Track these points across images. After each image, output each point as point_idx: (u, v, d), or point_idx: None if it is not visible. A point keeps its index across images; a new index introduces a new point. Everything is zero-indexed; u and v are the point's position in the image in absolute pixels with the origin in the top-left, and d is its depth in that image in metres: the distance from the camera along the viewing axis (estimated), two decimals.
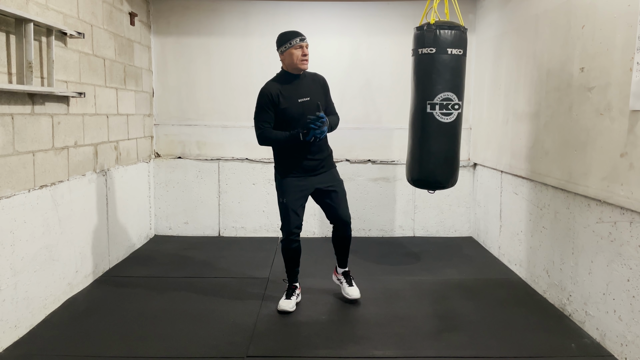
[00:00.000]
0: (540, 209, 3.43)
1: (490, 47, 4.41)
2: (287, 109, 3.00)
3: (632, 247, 2.46)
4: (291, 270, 3.22)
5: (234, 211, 4.88)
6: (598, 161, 2.72)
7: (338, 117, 3.22)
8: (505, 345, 2.69)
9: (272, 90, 3.02)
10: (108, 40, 3.79)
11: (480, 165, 4.71)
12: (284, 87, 3.04)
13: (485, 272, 3.90)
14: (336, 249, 3.30)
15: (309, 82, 3.11)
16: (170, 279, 3.67)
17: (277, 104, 3.00)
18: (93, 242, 3.56)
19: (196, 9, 4.72)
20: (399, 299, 3.31)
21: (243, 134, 4.80)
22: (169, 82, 4.80)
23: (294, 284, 3.23)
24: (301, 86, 3.06)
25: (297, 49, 2.98)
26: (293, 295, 3.18)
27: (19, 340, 2.68)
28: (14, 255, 2.65)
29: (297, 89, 3.04)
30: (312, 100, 3.02)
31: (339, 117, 3.24)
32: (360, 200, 4.86)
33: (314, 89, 3.09)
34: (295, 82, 3.06)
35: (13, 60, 2.67)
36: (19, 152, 2.70)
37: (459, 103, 3.36)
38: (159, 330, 2.82)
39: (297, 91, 3.04)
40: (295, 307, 3.14)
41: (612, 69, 2.61)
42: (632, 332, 2.47)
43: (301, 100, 3.02)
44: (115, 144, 3.92)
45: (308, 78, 3.13)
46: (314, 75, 3.17)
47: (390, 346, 2.67)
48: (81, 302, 3.18)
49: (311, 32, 4.66)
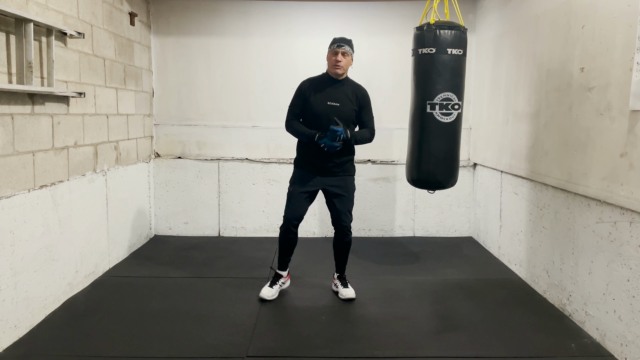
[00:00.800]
0: (540, 209, 3.43)
1: (490, 47, 4.41)
2: (314, 106, 3.15)
3: (632, 247, 2.46)
4: (282, 258, 3.35)
5: (234, 211, 4.88)
6: (598, 161, 2.72)
7: (372, 131, 3.28)
8: (505, 345, 2.69)
9: (307, 85, 3.23)
10: (108, 40, 3.79)
11: (480, 165, 4.72)
12: (319, 86, 3.20)
13: (485, 272, 3.90)
14: (335, 252, 3.39)
15: (347, 91, 3.21)
16: (170, 279, 3.67)
17: (307, 99, 3.18)
18: (93, 242, 3.56)
19: (196, 9, 4.72)
20: (399, 299, 3.31)
21: (243, 134, 4.80)
22: (169, 82, 4.80)
23: (281, 273, 3.36)
24: (337, 91, 3.18)
25: (332, 54, 3.15)
26: (276, 284, 3.32)
27: (19, 340, 2.68)
28: (14, 255, 2.65)
29: (331, 92, 3.17)
30: (341, 108, 3.14)
31: (374, 131, 3.29)
32: (360, 200, 4.85)
33: (348, 98, 3.19)
34: (333, 85, 3.19)
35: (13, 60, 2.67)
36: (19, 152, 2.70)
37: (459, 103, 3.36)
38: (159, 330, 2.82)
39: (330, 94, 3.17)
40: (276, 296, 3.28)
41: (612, 69, 2.61)
42: (632, 332, 2.47)
43: (330, 104, 3.14)
44: (115, 144, 3.92)
45: (349, 86, 3.23)
46: (356, 86, 3.27)
47: (390, 346, 2.68)
48: (81, 302, 3.18)
49: (311, 32, 4.69)
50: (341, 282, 3.37)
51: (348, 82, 3.24)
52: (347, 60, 3.16)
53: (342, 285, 3.34)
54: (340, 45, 3.13)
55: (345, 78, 3.23)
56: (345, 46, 3.13)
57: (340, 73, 3.16)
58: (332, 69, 3.16)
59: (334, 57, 3.14)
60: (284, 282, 3.40)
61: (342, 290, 3.31)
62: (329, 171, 3.20)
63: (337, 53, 3.13)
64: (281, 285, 3.37)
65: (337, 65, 3.12)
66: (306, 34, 4.73)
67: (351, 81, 3.27)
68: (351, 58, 3.20)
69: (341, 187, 3.23)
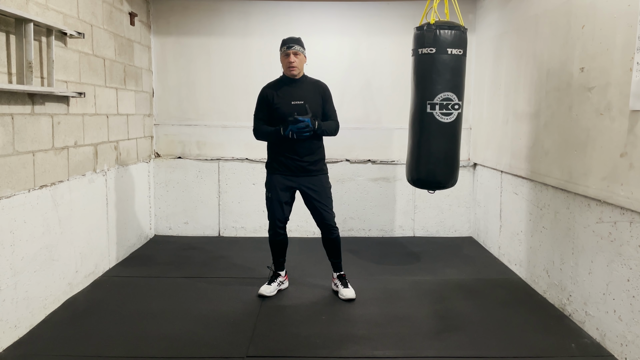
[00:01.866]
0: (540, 209, 3.43)
1: (490, 47, 4.41)
2: (279, 108, 3.20)
3: (632, 247, 2.46)
4: (276, 259, 3.44)
5: (234, 211, 4.88)
6: (598, 161, 2.72)
7: (337, 123, 3.35)
8: (505, 345, 2.69)
9: (268, 91, 3.26)
10: (108, 40, 3.79)
11: (480, 165, 4.71)
12: (281, 89, 3.25)
13: (485, 272, 3.90)
14: (326, 251, 3.43)
15: (308, 87, 3.27)
16: (170, 279, 3.67)
17: (271, 103, 3.22)
18: (93, 242, 3.56)
19: (196, 9, 4.72)
20: (399, 299, 3.31)
21: (243, 134, 4.80)
22: (169, 82, 4.80)
23: (279, 272, 3.43)
24: (298, 90, 3.23)
25: (285, 56, 3.19)
26: (274, 282, 3.39)
27: (19, 340, 2.68)
28: (14, 255, 2.65)
29: (293, 91, 3.22)
30: (306, 105, 3.18)
31: (339, 124, 3.36)
32: (360, 200, 4.86)
33: (310, 95, 3.24)
34: (293, 85, 3.24)
35: (13, 60, 2.67)
36: (19, 152, 2.70)
37: (459, 103, 3.36)
38: (159, 330, 2.82)
39: (293, 94, 3.21)
40: (275, 293, 3.35)
41: (612, 69, 2.61)
42: (632, 332, 2.47)
43: (294, 103, 3.18)
44: (115, 144, 3.92)
45: (308, 83, 3.29)
46: (315, 82, 3.33)
47: (390, 346, 2.67)
48: (81, 302, 3.18)
49: (311, 32, 4.68)
50: (341, 282, 3.37)
51: (307, 80, 3.29)
52: (300, 59, 3.20)
53: (342, 285, 3.35)
54: (290, 47, 3.16)
55: (303, 76, 3.27)
56: (295, 46, 3.17)
57: (295, 73, 3.21)
58: (287, 71, 3.21)
59: (286, 58, 3.18)
60: (283, 282, 3.44)
61: (342, 290, 3.31)
62: (303, 170, 3.23)
63: (288, 55, 3.17)
64: (280, 283, 3.40)
65: (292, 66, 3.17)
66: (306, 33, 4.68)
67: (309, 78, 3.32)
68: (304, 56, 3.23)
69: (317, 186, 3.26)
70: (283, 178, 3.25)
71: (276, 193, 3.25)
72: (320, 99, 3.26)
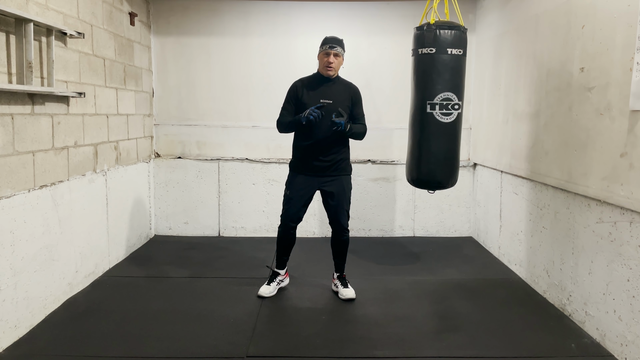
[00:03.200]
0: (540, 209, 3.43)
1: (490, 47, 4.41)
2: (307, 104, 3.16)
3: (632, 247, 2.46)
4: (280, 257, 3.41)
5: (234, 211, 4.88)
6: (598, 161, 2.72)
7: (365, 127, 3.34)
8: (505, 345, 2.69)
9: (299, 85, 3.25)
10: (108, 40, 3.79)
11: (480, 165, 4.71)
12: (311, 85, 3.23)
13: (485, 272, 3.90)
14: (333, 251, 3.42)
15: (339, 88, 3.26)
16: (170, 279, 3.67)
17: (300, 98, 3.20)
18: (93, 242, 3.56)
19: (196, 9, 4.72)
20: (399, 299, 3.31)
21: (243, 134, 4.80)
22: (169, 82, 4.80)
23: (279, 271, 3.41)
24: (329, 89, 3.22)
25: (325, 55, 3.16)
26: (273, 281, 3.37)
27: (19, 340, 2.68)
28: (14, 255, 2.65)
29: (324, 90, 3.21)
30: (334, 105, 3.17)
31: (366, 127, 3.35)
32: (360, 200, 4.86)
33: (341, 96, 3.23)
34: (325, 84, 3.23)
35: (13, 60, 2.67)
36: (19, 152, 2.70)
37: (459, 103, 3.36)
38: (159, 330, 2.81)
39: (323, 92, 3.20)
40: (274, 293, 3.34)
41: (612, 69, 2.61)
42: (632, 332, 2.47)
43: (323, 101, 3.16)
44: (115, 144, 3.92)
45: (340, 84, 3.28)
46: (347, 84, 3.32)
47: (390, 346, 2.67)
48: (81, 302, 3.18)
49: (311, 32, 4.68)
50: (341, 282, 3.37)
51: (339, 81, 3.28)
52: (339, 61, 3.19)
53: (342, 285, 3.35)
54: (332, 47, 3.14)
55: (336, 77, 3.26)
56: (337, 47, 3.15)
57: (332, 74, 3.20)
58: (323, 70, 3.19)
59: (326, 58, 3.16)
60: (282, 280, 3.44)
61: (342, 290, 3.31)
62: (325, 170, 3.23)
63: (329, 54, 3.15)
64: (279, 282, 3.41)
65: (329, 67, 3.16)
66: (306, 33, 4.73)
67: (342, 79, 3.31)
68: (342, 58, 3.22)
69: (337, 187, 3.26)
70: (305, 179, 3.24)
71: (296, 193, 3.24)
72: (349, 101, 3.25)
